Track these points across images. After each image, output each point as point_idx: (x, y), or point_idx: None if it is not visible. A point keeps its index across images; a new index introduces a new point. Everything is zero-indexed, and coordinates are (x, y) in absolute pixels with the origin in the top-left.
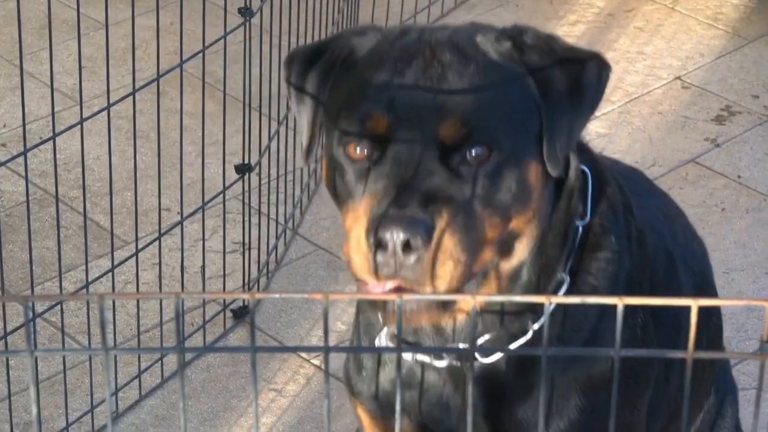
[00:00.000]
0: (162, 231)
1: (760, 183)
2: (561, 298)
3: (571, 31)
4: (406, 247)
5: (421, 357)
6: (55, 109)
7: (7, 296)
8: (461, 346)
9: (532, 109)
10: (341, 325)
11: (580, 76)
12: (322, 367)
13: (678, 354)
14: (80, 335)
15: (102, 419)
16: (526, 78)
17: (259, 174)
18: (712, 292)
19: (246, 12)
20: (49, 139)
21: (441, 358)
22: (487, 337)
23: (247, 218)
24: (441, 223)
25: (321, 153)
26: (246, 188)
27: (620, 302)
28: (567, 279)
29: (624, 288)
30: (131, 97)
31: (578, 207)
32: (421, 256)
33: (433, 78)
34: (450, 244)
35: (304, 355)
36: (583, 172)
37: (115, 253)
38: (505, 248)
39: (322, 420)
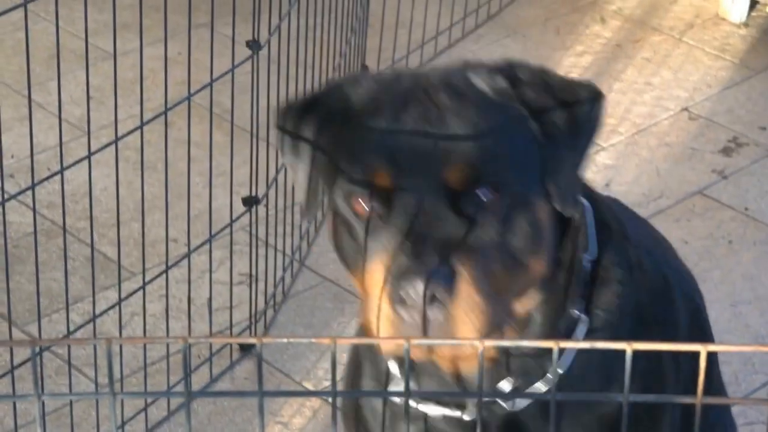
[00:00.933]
0: (170, 263)
1: None
2: (570, 343)
3: (578, 62)
4: (430, 300)
5: (449, 412)
6: (63, 140)
7: (15, 341)
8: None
9: (532, 147)
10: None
11: (576, 110)
12: (329, 399)
13: (687, 399)
14: (87, 368)
15: None
16: (523, 115)
17: (267, 205)
18: (703, 316)
19: (254, 46)
20: (57, 173)
21: (464, 409)
22: (507, 383)
23: (254, 250)
24: (462, 270)
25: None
26: (253, 220)
27: (629, 347)
28: (585, 318)
29: (636, 321)
30: (141, 128)
31: (584, 241)
32: (447, 307)
33: (431, 122)
34: (475, 293)
35: (310, 387)
36: (583, 204)
37: (122, 284)
38: (521, 291)
39: None
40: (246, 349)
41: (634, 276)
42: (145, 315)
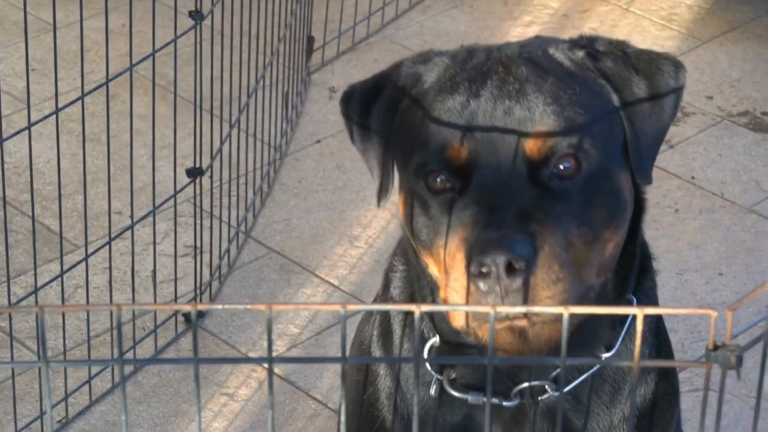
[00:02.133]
0: (113, 235)
1: (714, 184)
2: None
3: (525, 33)
4: (510, 270)
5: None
6: (5, 112)
7: None
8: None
9: (614, 118)
10: (294, 328)
11: (658, 80)
12: (275, 371)
13: (624, 363)
14: (30, 340)
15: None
16: (605, 86)
17: (211, 177)
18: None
19: (196, 16)
20: None
21: (506, 397)
22: (557, 370)
23: (198, 222)
24: (542, 241)
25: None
26: (198, 191)
27: (566, 312)
28: (634, 300)
29: (660, 330)
30: (83, 100)
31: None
32: (527, 279)
33: (511, 94)
34: (555, 263)
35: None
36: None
37: (65, 257)
38: (598, 263)
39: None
40: (191, 320)
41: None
42: (89, 287)
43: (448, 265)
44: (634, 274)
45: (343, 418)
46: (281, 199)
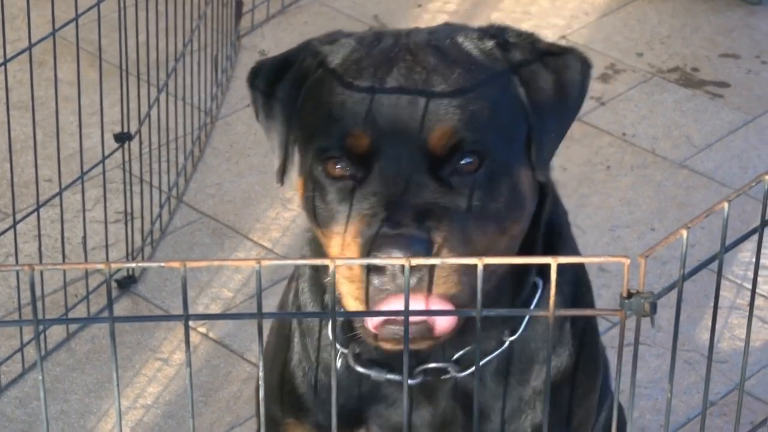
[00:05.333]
0: (41, 202)
1: (645, 140)
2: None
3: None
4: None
5: (391, 376)
6: None
7: None
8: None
9: (519, 112)
10: (228, 292)
11: (565, 75)
12: (209, 335)
13: (540, 313)
14: None
15: None
16: (512, 78)
17: (141, 142)
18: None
19: None
20: None
21: (412, 376)
22: (463, 351)
23: (129, 188)
24: (439, 238)
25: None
26: (127, 157)
27: (480, 262)
28: (540, 282)
29: (574, 280)
30: (6, 67)
31: (550, 207)
32: (423, 276)
33: (417, 84)
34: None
35: (191, 324)
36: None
37: None
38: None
39: (209, 388)
40: (124, 286)
41: (570, 236)
42: (18, 256)
43: (340, 254)
44: (533, 270)
45: (261, 374)
46: (213, 164)
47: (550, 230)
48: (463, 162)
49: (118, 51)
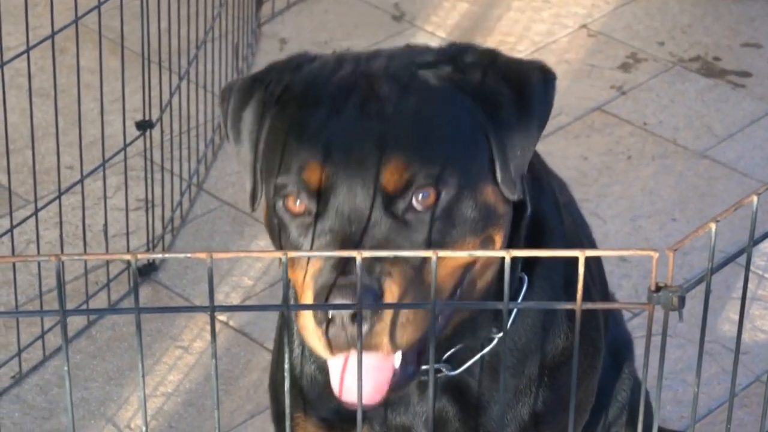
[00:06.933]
0: (63, 189)
1: (666, 130)
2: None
3: None
4: (355, 316)
5: None
6: None
7: None
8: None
9: (479, 134)
10: (248, 280)
11: (526, 91)
12: (230, 323)
13: (568, 305)
14: None
15: (5, 381)
16: (470, 102)
17: (162, 130)
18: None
19: None
20: None
21: None
22: (453, 350)
23: (150, 175)
24: (390, 285)
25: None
26: (148, 145)
27: (508, 255)
28: (525, 277)
29: (567, 275)
30: (29, 54)
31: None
32: (373, 325)
33: (371, 116)
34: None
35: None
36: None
37: (16, 213)
38: (474, 270)
39: (229, 376)
40: (144, 274)
41: (564, 231)
42: (39, 242)
43: (299, 292)
44: (519, 265)
45: (287, 365)
46: (234, 151)
47: (536, 222)
48: (419, 197)
49: (140, 38)
